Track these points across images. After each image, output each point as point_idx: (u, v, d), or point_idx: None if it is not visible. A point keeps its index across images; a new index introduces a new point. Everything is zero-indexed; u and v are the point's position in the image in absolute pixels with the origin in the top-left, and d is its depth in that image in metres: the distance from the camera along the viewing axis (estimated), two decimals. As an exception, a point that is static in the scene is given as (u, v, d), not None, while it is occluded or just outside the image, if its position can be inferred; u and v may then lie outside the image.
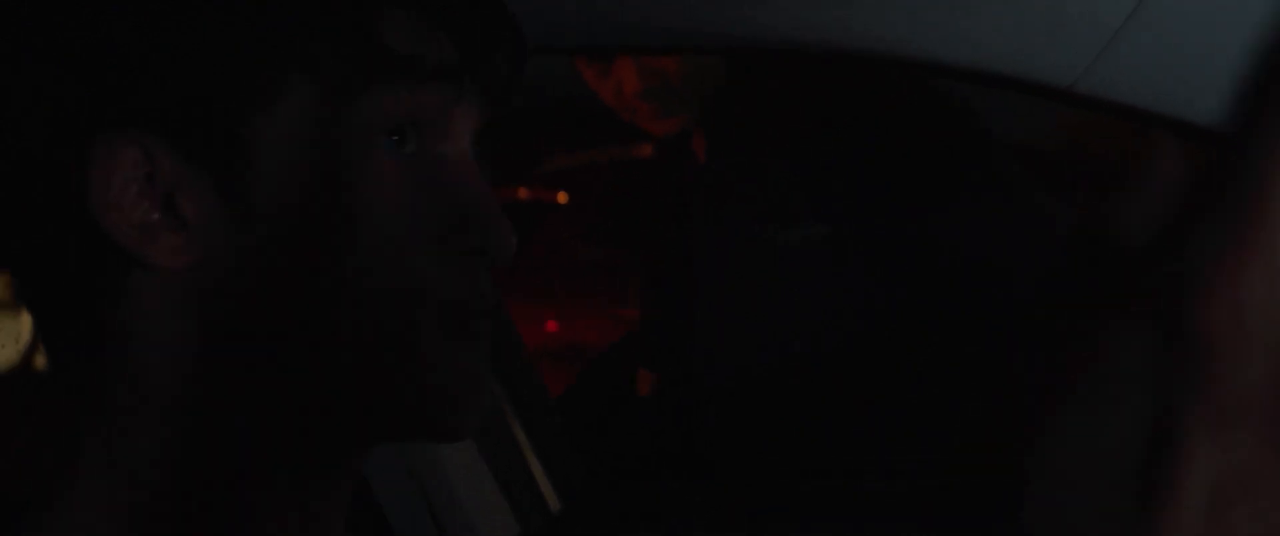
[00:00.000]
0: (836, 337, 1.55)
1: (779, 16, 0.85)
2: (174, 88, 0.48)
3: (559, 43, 0.89)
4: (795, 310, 1.56)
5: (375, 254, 0.50)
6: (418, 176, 0.52)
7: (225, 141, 0.49)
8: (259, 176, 0.49)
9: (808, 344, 1.56)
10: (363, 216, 0.50)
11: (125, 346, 0.49)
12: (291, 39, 0.49)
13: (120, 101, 0.48)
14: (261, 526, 0.51)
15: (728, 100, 1.57)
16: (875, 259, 1.54)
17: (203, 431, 0.50)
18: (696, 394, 1.61)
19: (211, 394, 0.49)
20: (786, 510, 1.42)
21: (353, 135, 0.50)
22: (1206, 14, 0.86)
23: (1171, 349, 0.26)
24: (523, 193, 4.37)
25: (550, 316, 3.87)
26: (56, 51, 0.47)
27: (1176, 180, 0.29)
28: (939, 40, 0.85)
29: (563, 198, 4.10)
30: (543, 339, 3.72)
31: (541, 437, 1.40)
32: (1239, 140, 0.27)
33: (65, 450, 0.50)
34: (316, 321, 0.50)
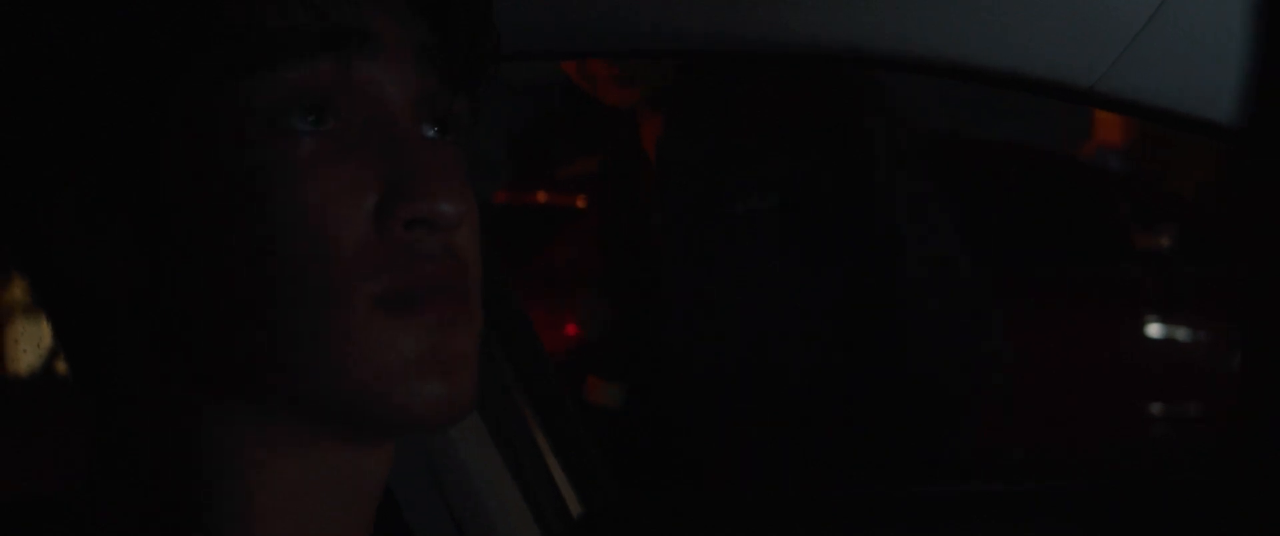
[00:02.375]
0: (800, 332, 1.56)
1: (798, 18, 0.85)
2: (79, 126, 0.48)
3: (559, 48, 0.90)
4: (760, 304, 1.57)
5: (296, 242, 0.48)
6: (339, 151, 0.50)
7: (132, 164, 0.49)
8: (168, 186, 0.49)
9: (775, 340, 1.57)
10: (280, 203, 0.48)
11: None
12: (168, 40, 0.48)
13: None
14: (275, 524, 0.51)
15: (683, 84, 1.58)
16: (828, 240, 1.56)
17: (191, 431, 0.50)
18: (676, 400, 1.61)
19: (186, 397, 0.50)
20: (802, 520, 1.42)
21: (254, 122, 0.49)
22: (1227, 14, 0.86)
23: None
24: (542, 197, 4.38)
25: (570, 319, 3.87)
26: None
27: None
28: (959, 42, 0.85)
29: (582, 202, 4.11)
30: (564, 342, 3.73)
31: (562, 441, 1.40)
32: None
33: (92, 450, 0.50)
34: (251, 324, 0.49)
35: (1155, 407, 3.78)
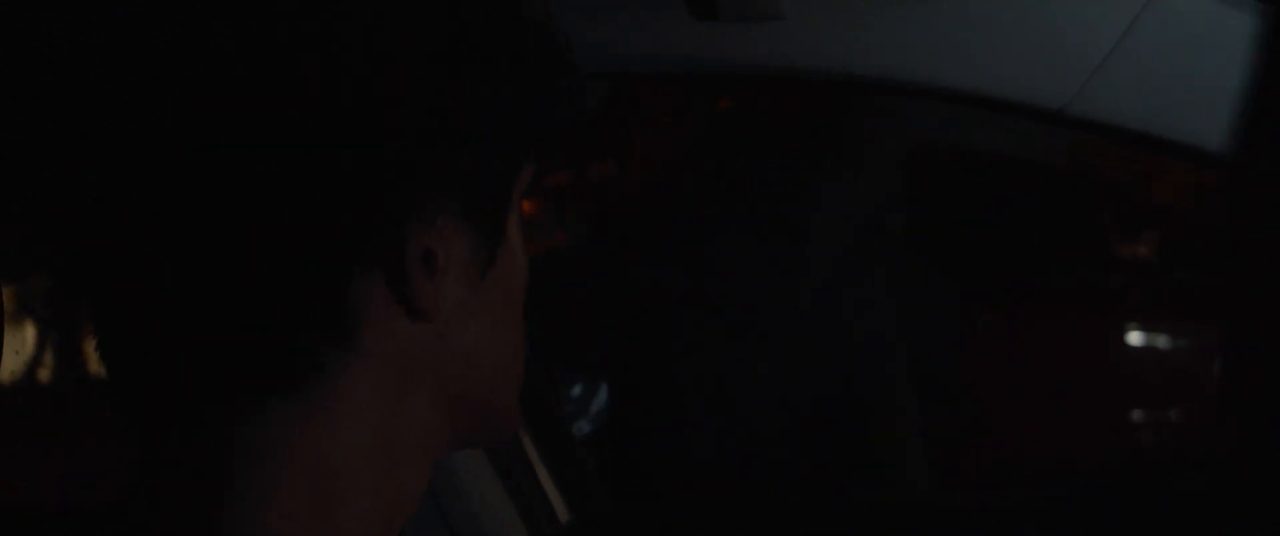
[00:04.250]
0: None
1: (778, 44, 0.88)
2: (479, 162, 0.53)
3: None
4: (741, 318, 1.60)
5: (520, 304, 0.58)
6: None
7: (497, 209, 0.55)
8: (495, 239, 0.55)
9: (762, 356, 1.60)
10: (521, 273, 0.58)
11: (352, 352, 0.52)
12: (550, 124, 0.56)
13: (445, 179, 0.52)
14: (399, 501, 0.55)
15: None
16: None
17: (398, 429, 0.54)
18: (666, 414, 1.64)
19: (403, 404, 0.54)
20: (788, 528, 1.44)
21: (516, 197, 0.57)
22: (1193, 38, 0.89)
23: None
24: (527, 207, 4.39)
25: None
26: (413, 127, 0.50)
27: None
28: (936, 66, 0.88)
29: (568, 209, 4.12)
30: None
31: (551, 449, 1.43)
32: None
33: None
34: (493, 360, 0.57)
35: (1138, 414, 3.81)
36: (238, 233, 0.48)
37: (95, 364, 0.53)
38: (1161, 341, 3.82)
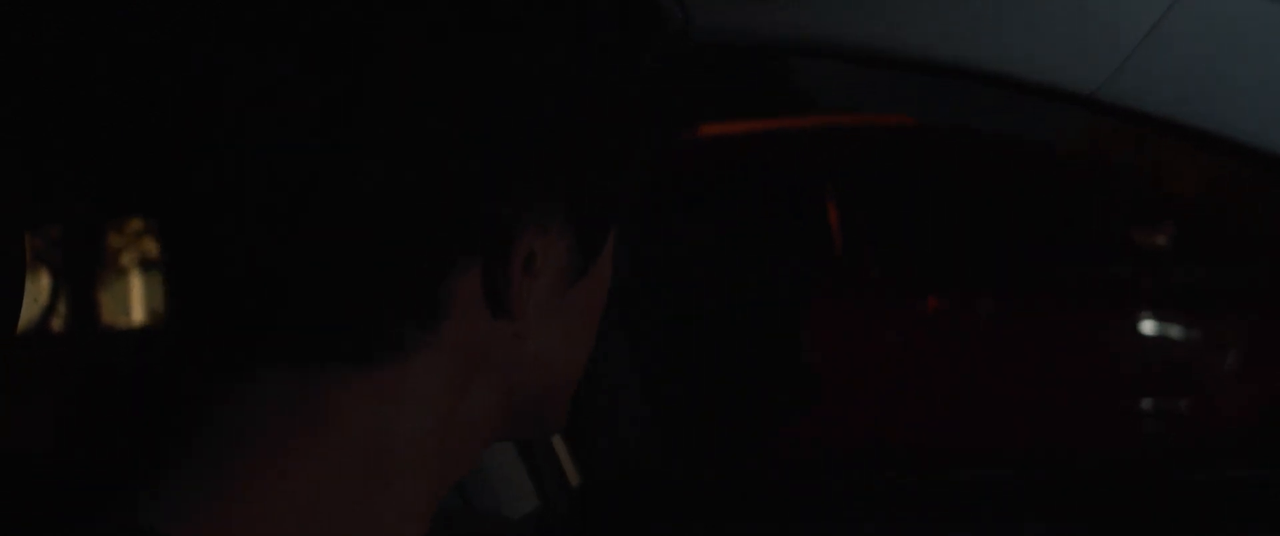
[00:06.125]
0: None
1: (803, 15, 0.88)
2: (600, 174, 0.53)
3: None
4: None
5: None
6: None
7: (605, 219, 0.55)
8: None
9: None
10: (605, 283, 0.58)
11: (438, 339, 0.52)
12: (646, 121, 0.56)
13: (565, 186, 0.52)
14: (444, 482, 0.56)
15: None
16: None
17: (458, 416, 0.54)
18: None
19: (466, 395, 0.54)
20: (794, 502, 1.45)
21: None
22: (1229, 25, 0.88)
23: None
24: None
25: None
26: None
27: None
28: (964, 46, 0.87)
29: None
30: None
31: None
32: None
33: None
34: (562, 367, 0.57)
35: (1148, 404, 3.81)
36: (358, 210, 0.48)
37: (108, 313, 0.53)
38: (1173, 332, 3.81)
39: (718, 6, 0.88)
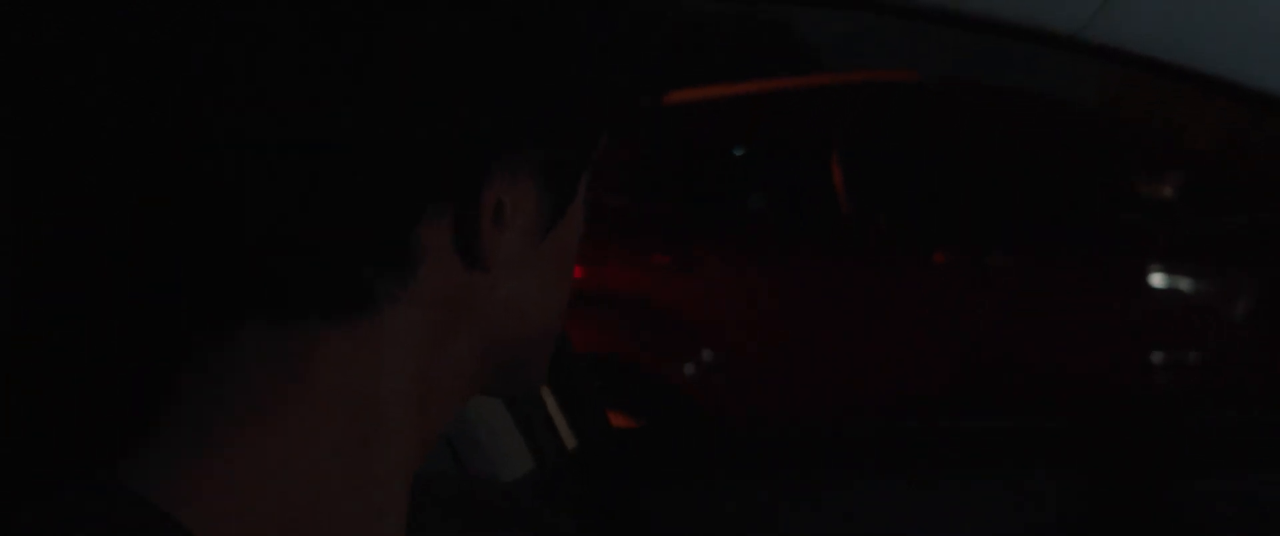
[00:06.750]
0: None
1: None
2: (565, 121, 0.53)
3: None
4: None
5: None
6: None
7: (575, 168, 0.55)
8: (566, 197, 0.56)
9: None
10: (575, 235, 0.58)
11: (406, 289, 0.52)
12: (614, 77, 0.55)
13: (530, 134, 0.52)
14: (428, 437, 0.56)
15: None
16: None
17: (438, 370, 0.54)
18: None
19: (445, 348, 0.54)
20: (795, 457, 1.44)
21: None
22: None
23: None
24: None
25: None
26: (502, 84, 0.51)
27: None
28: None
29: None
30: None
31: (560, 378, 1.43)
32: None
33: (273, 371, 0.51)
34: (538, 316, 0.57)
35: (1157, 356, 3.80)
36: (326, 162, 0.48)
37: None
38: (1184, 284, 3.80)
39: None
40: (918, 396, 3.72)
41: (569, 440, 1.42)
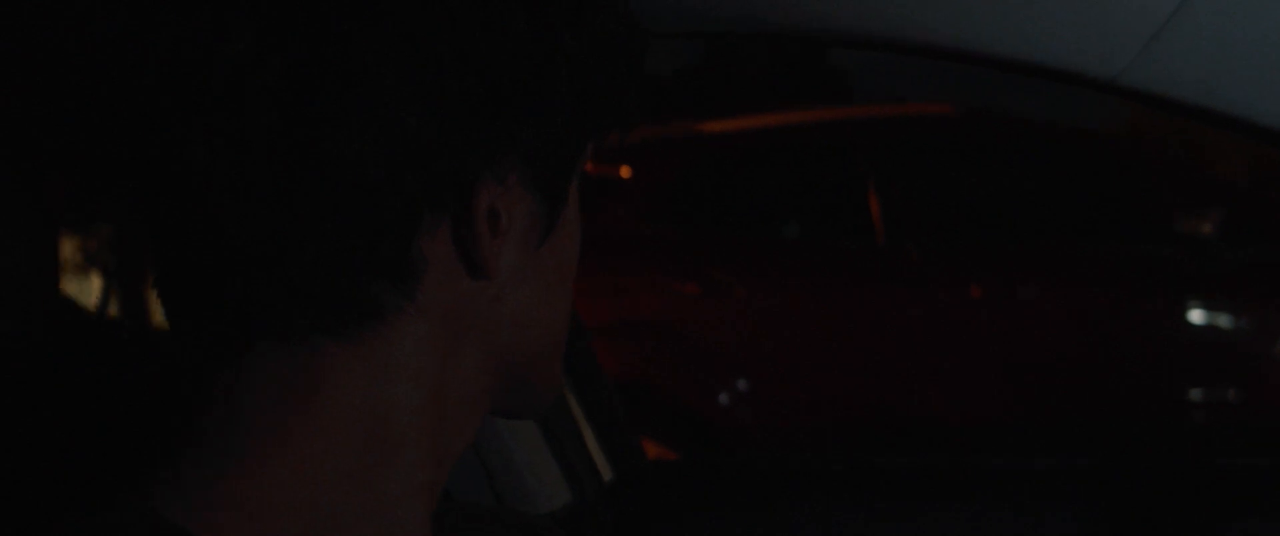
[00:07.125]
0: None
1: (827, 4, 0.87)
2: (552, 127, 0.54)
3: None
4: None
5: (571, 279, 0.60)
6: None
7: (563, 174, 0.56)
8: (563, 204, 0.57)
9: None
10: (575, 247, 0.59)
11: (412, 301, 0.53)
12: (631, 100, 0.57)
13: (518, 141, 0.53)
14: (447, 450, 0.57)
15: None
16: None
17: (449, 384, 0.55)
18: None
19: (453, 360, 0.55)
20: (828, 486, 1.44)
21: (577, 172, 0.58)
22: (1252, 9, 0.87)
23: None
24: (588, 166, 4.40)
25: (607, 291, 3.90)
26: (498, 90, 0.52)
27: None
28: (984, 31, 0.86)
29: (626, 172, 4.12)
30: (599, 313, 3.76)
31: (596, 409, 1.44)
32: None
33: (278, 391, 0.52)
34: (542, 325, 0.58)
35: (1195, 393, 3.76)
36: (317, 177, 0.49)
37: (159, 314, 0.54)
38: (1221, 320, 3.76)
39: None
40: (951, 429, 3.70)
41: (606, 471, 1.42)
